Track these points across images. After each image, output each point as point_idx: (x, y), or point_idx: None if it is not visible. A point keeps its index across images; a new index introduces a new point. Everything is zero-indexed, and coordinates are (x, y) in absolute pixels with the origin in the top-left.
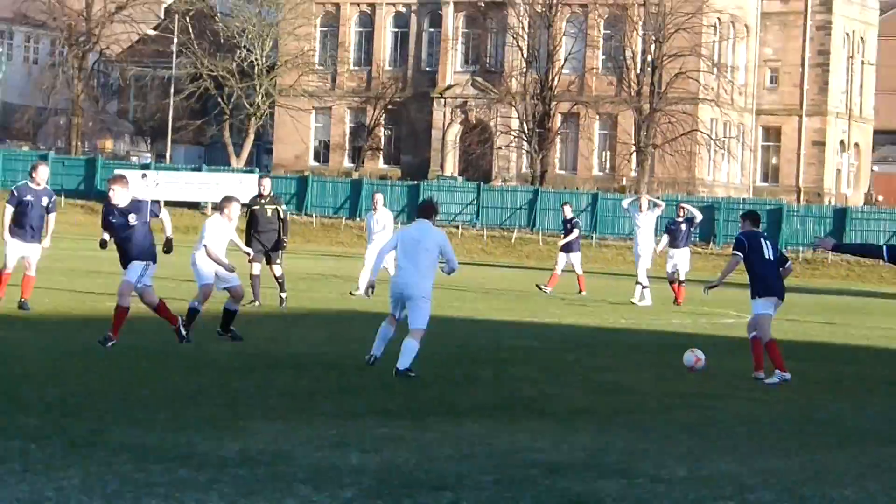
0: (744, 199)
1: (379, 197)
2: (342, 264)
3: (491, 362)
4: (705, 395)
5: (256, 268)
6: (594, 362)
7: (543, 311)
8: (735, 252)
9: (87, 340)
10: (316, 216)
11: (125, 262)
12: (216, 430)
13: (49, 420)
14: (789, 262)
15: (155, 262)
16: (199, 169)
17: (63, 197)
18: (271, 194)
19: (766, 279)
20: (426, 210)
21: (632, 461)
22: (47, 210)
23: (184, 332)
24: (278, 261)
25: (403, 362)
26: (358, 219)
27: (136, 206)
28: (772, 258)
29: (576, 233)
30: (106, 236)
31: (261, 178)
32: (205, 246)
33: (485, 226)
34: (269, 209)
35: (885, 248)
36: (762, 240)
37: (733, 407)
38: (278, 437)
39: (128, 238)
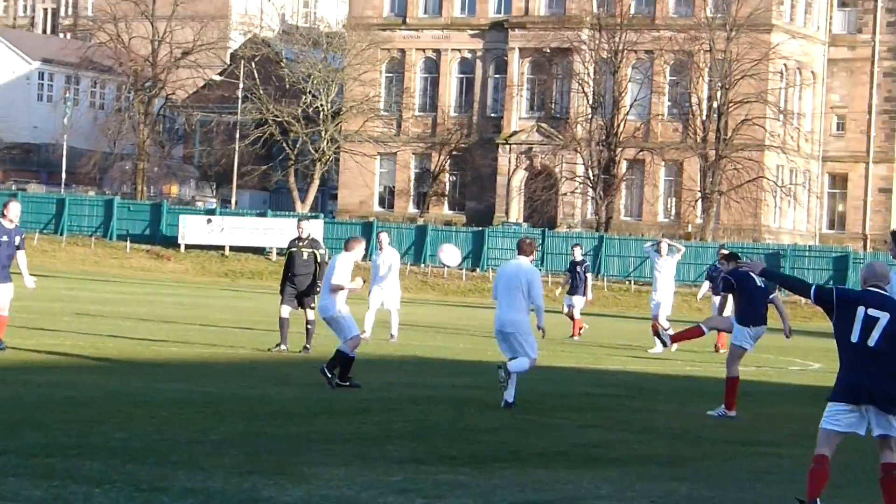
0: (810, 247)
1: (384, 236)
2: (406, 310)
3: (554, 409)
4: (772, 442)
5: (285, 311)
6: (658, 409)
7: (607, 359)
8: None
9: (152, 385)
10: None
11: None
12: (280, 475)
13: (113, 464)
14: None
15: None
16: (264, 214)
17: (129, 241)
18: (310, 237)
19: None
20: (521, 248)
21: None
22: (17, 248)
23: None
24: (312, 305)
25: (514, 365)
26: (422, 265)
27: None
28: (762, 286)
29: (590, 278)
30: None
31: (299, 220)
32: (333, 283)
33: (549, 272)
34: (306, 252)
35: (813, 286)
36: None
37: (801, 454)
38: (342, 482)
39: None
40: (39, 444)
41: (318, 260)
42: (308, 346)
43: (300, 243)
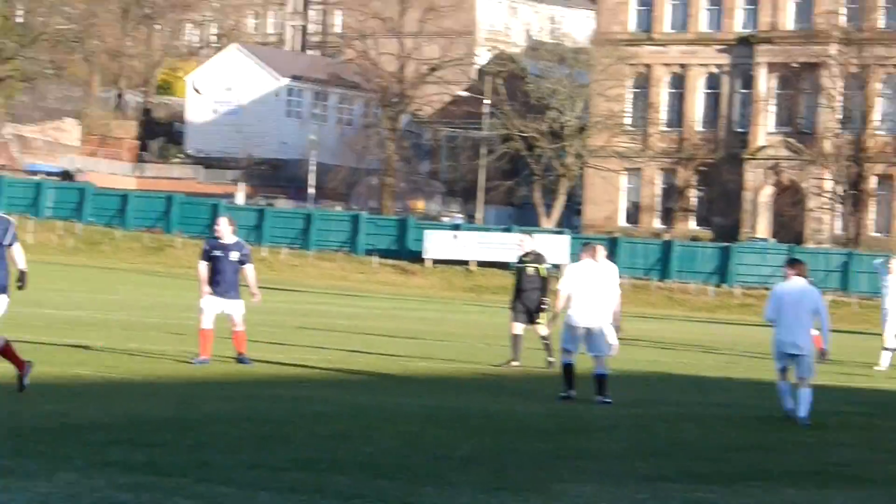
0: None
1: (600, 248)
2: (652, 326)
3: (803, 427)
4: None
5: (518, 328)
6: None
7: (858, 376)
8: None
9: (399, 400)
10: (626, 277)
11: None
12: (528, 491)
13: (362, 479)
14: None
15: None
16: (509, 229)
17: (376, 257)
18: (534, 252)
19: None
20: (798, 268)
21: None
22: (240, 262)
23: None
24: (539, 321)
25: (803, 410)
26: (668, 281)
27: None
28: None
29: None
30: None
31: (522, 235)
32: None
33: None
34: (531, 268)
35: None
36: None
37: None
38: (590, 499)
39: None
40: (288, 458)
41: (542, 274)
42: (551, 359)
43: (525, 259)
